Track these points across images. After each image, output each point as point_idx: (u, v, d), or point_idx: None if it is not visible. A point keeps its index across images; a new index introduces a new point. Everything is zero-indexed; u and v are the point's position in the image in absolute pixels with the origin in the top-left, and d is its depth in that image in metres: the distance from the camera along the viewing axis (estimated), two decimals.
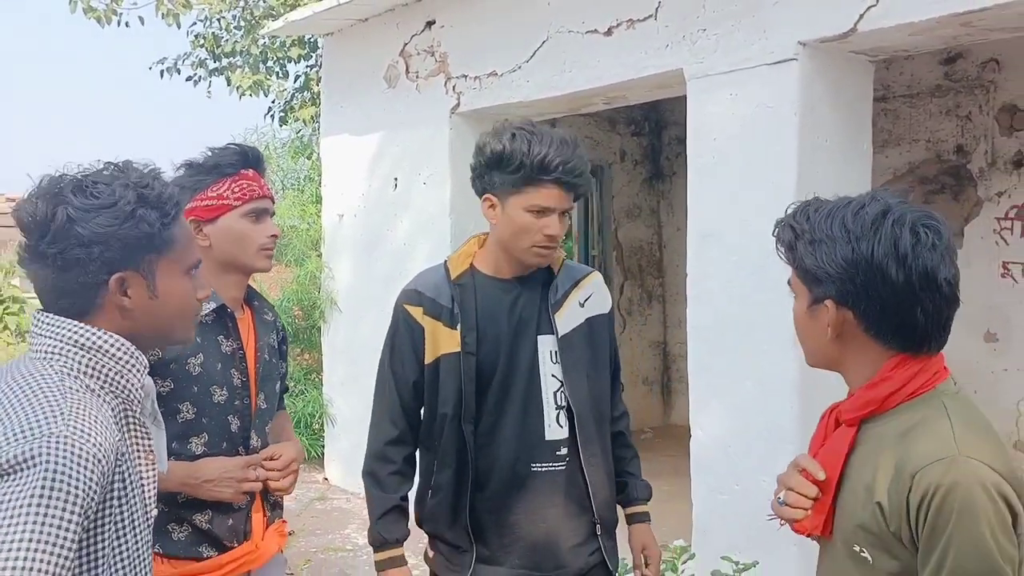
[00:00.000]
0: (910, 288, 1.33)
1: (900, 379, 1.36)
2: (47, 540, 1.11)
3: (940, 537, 1.24)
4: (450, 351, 2.05)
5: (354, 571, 4.73)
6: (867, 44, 3.52)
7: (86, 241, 1.28)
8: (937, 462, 1.26)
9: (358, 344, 5.94)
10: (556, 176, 1.95)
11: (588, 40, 4.35)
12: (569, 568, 2.09)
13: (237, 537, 1.99)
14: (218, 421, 1.97)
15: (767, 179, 3.62)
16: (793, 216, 1.44)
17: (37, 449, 1.15)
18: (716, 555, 3.49)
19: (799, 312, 1.45)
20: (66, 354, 1.30)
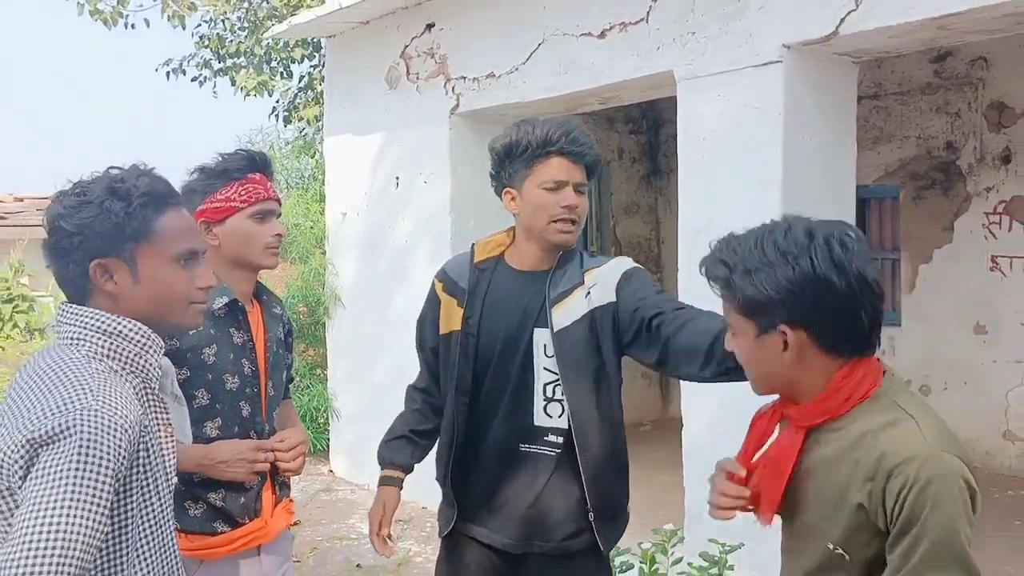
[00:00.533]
0: (852, 294, 1.39)
1: (849, 387, 1.43)
2: (84, 500, 1.26)
3: (914, 525, 1.33)
4: (456, 329, 2.22)
5: (359, 558, 4.88)
6: (849, 46, 3.65)
7: (69, 233, 1.45)
8: (913, 459, 1.34)
9: (362, 339, 6.08)
10: (560, 147, 2.09)
11: (582, 42, 4.48)
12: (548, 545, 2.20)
13: (248, 514, 2.13)
14: (231, 407, 2.11)
15: (754, 176, 3.75)
16: (719, 251, 1.47)
17: (72, 421, 1.30)
18: (707, 539, 3.63)
19: (746, 346, 1.48)
20: (90, 339, 1.45)
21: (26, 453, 1.30)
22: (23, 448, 1.30)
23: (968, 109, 6.15)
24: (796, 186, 3.69)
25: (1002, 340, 6.05)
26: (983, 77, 6.06)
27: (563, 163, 2.10)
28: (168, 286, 1.52)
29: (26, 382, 1.42)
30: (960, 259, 6.22)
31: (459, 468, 2.24)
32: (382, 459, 2.35)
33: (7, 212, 10.02)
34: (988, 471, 6.07)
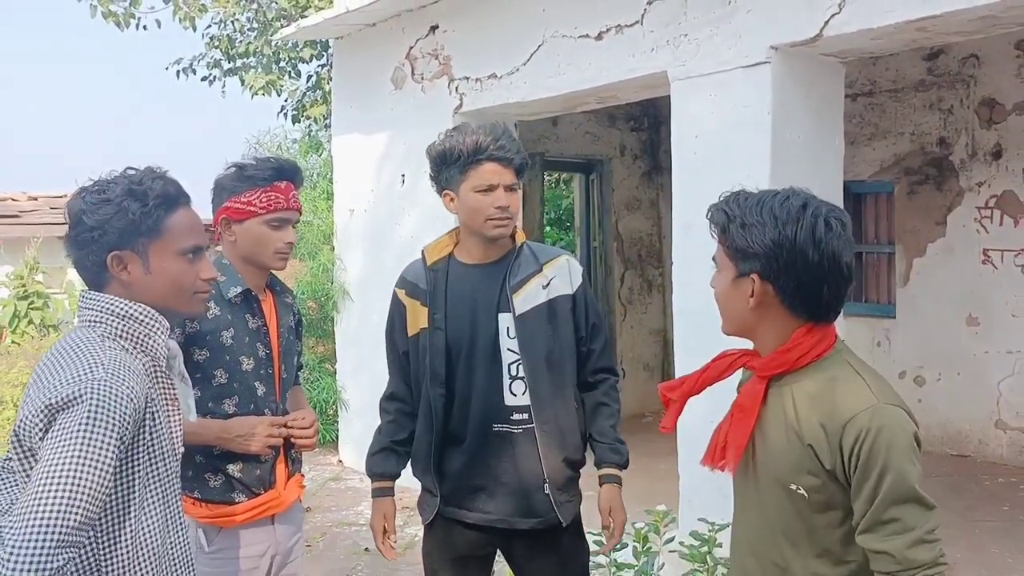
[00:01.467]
0: (821, 268, 1.58)
1: (808, 344, 1.63)
2: (90, 456, 1.45)
3: (873, 470, 1.51)
4: (425, 326, 2.40)
5: (367, 542, 5.05)
6: (834, 47, 3.80)
7: (90, 227, 1.65)
8: (864, 411, 1.53)
9: (369, 332, 6.24)
10: (490, 154, 2.29)
11: (580, 44, 4.64)
12: (524, 519, 2.39)
13: (264, 485, 2.32)
14: (246, 386, 2.30)
15: (744, 173, 3.88)
16: (725, 202, 1.67)
17: (83, 389, 1.50)
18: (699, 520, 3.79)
19: (724, 283, 1.69)
20: (104, 321, 1.65)
21: (45, 417, 1.50)
22: (42, 413, 1.50)
23: (960, 106, 6.28)
24: (784, 182, 3.78)
25: (994, 331, 6.18)
26: (975, 74, 6.19)
27: (494, 168, 2.31)
28: (176, 277, 1.72)
29: (51, 358, 1.62)
30: (953, 252, 6.35)
31: (439, 456, 2.42)
32: (371, 472, 2.54)
33: (21, 211, 10.20)
34: (980, 459, 6.21)
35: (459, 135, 2.33)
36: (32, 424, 1.51)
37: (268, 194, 2.30)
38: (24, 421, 1.53)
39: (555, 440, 2.39)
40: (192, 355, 2.22)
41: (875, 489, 1.51)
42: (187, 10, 9.59)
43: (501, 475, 2.38)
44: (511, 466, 2.38)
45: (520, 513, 2.39)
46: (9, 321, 8.56)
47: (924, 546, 1.52)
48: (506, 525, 2.40)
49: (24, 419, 1.53)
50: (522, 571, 2.51)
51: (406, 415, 2.52)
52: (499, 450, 2.37)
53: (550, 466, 2.38)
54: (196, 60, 10.51)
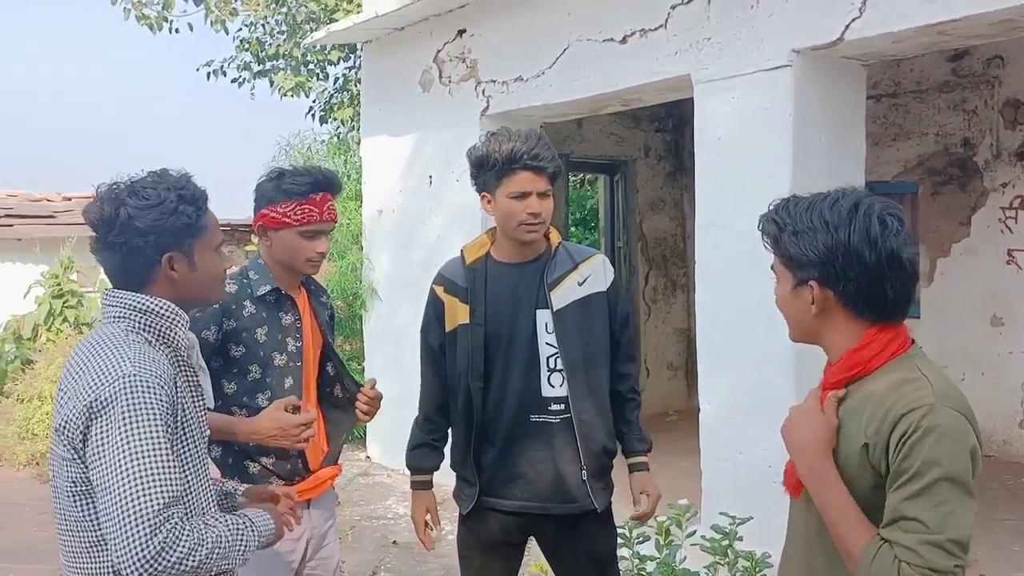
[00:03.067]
0: (880, 268, 1.52)
1: (880, 344, 1.56)
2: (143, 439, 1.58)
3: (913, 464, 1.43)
4: (463, 322, 2.51)
5: (395, 535, 5.17)
6: (855, 51, 3.86)
7: (143, 232, 1.74)
8: (919, 408, 1.45)
9: (396, 330, 6.36)
10: (524, 163, 2.39)
11: (605, 48, 4.73)
12: (560, 505, 2.50)
13: (297, 474, 2.44)
14: (278, 381, 2.41)
15: (765, 174, 3.97)
16: (775, 212, 1.64)
17: (116, 389, 1.61)
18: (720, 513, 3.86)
19: (784, 293, 1.65)
20: (128, 316, 1.76)
21: (85, 417, 1.62)
22: (83, 413, 1.62)
23: (984, 106, 6.29)
24: (805, 184, 3.87)
25: (1018, 331, 6.19)
26: (999, 75, 6.20)
27: (528, 176, 2.40)
28: (214, 270, 1.86)
29: (81, 354, 1.73)
30: (977, 253, 6.37)
31: (478, 448, 2.52)
32: (412, 467, 2.66)
33: (56, 211, 10.40)
34: (1004, 459, 6.22)
35: (496, 142, 2.43)
36: (75, 424, 1.63)
37: (303, 207, 2.38)
38: (68, 420, 1.65)
39: (592, 429, 2.49)
40: (228, 351, 2.34)
41: (908, 482, 1.43)
42: (218, 13, 9.75)
43: (538, 463, 2.48)
44: (548, 454, 2.48)
45: (557, 499, 2.49)
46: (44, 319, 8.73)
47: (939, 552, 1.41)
48: (542, 511, 2.51)
49: (68, 418, 1.65)
50: (554, 555, 2.61)
51: (444, 414, 2.63)
52: (537, 439, 2.48)
53: (587, 454, 2.48)
54: (226, 62, 10.67)
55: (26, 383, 7.23)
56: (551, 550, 2.61)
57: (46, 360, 7.32)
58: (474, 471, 2.53)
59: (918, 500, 1.42)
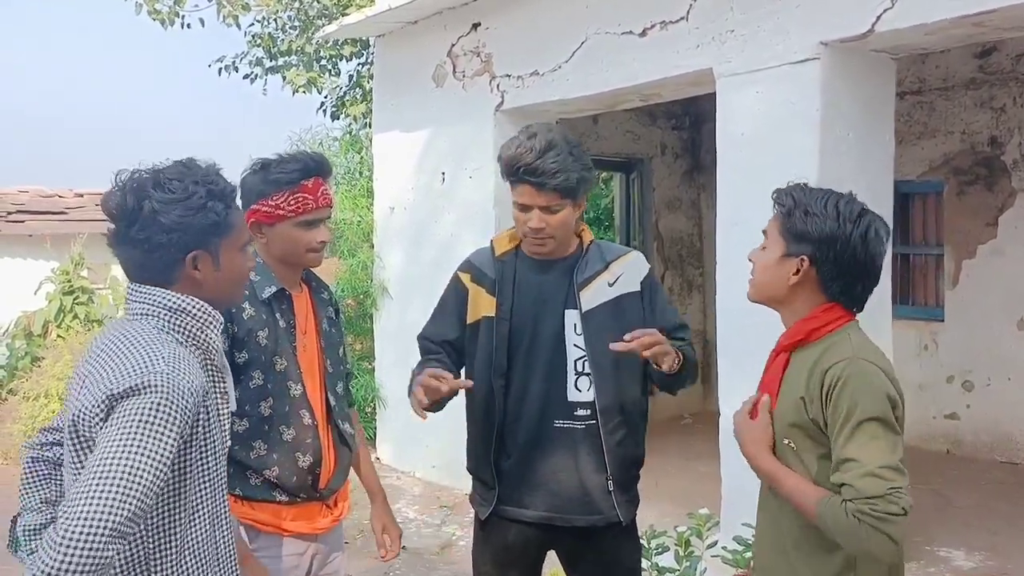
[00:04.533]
0: (863, 266, 1.80)
1: (824, 319, 1.82)
2: (150, 447, 1.43)
3: (840, 413, 1.68)
4: (488, 315, 2.37)
5: (405, 540, 5.00)
6: (886, 43, 3.72)
7: (168, 228, 1.60)
8: (840, 362, 1.72)
9: (408, 329, 6.20)
10: (520, 176, 2.25)
11: (624, 41, 4.59)
12: (583, 516, 2.36)
13: (304, 491, 2.28)
14: (281, 387, 2.26)
15: (790, 171, 3.77)
16: (794, 189, 1.87)
17: (149, 380, 1.48)
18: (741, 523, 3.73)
19: (769, 257, 1.86)
20: (157, 315, 1.63)
21: (105, 406, 1.48)
22: (104, 402, 1.48)
23: (1013, 104, 6.13)
24: (832, 181, 3.73)
25: None
26: None
27: (526, 189, 2.27)
28: (239, 271, 1.73)
29: (103, 349, 1.59)
30: (1004, 254, 6.20)
31: (498, 451, 2.39)
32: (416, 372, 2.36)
33: (68, 207, 10.35)
34: None
35: (507, 148, 2.29)
36: (93, 414, 1.49)
37: (296, 196, 2.24)
38: (83, 412, 1.50)
39: (619, 437, 2.36)
40: (233, 357, 2.20)
41: (840, 429, 1.68)
42: (230, 8, 9.66)
43: (562, 471, 2.35)
44: (573, 463, 2.35)
45: (580, 510, 2.36)
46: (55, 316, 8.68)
47: (873, 480, 1.62)
48: (564, 523, 2.37)
49: (83, 409, 1.50)
50: (574, 568, 2.48)
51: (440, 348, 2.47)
52: (561, 446, 2.35)
53: (613, 463, 2.35)
54: (238, 58, 10.58)
55: (33, 381, 7.16)
56: (571, 563, 2.48)
57: (53, 358, 7.25)
58: (493, 473, 2.40)
59: (850, 442, 1.66)
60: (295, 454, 2.26)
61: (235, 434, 2.18)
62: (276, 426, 2.25)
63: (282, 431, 2.25)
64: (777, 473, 1.80)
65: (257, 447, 2.23)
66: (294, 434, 2.26)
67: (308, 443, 2.28)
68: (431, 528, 5.32)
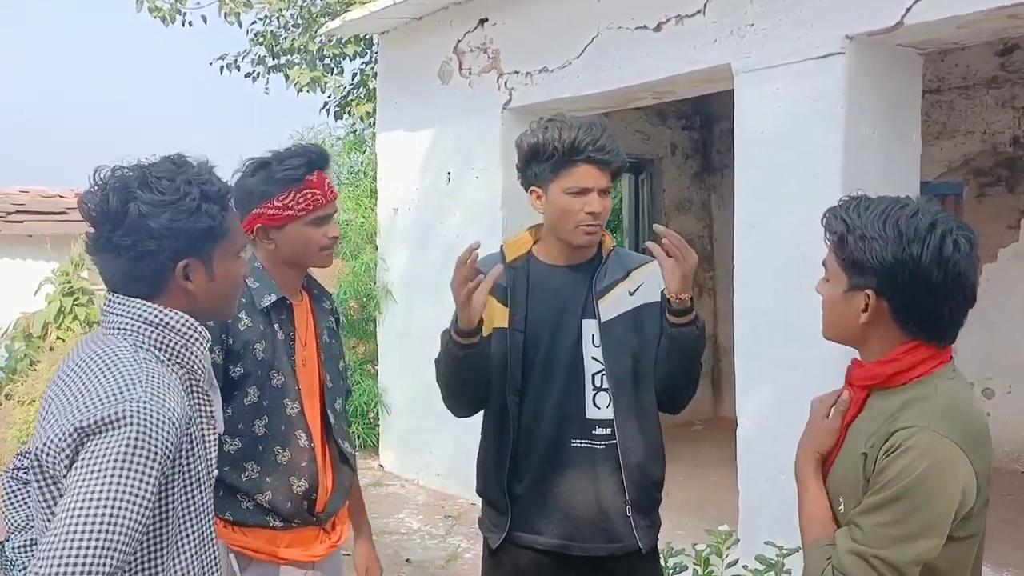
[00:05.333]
0: (944, 288, 1.49)
1: (908, 362, 1.53)
2: (130, 492, 1.26)
3: (880, 481, 1.44)
4: (501, 326, 2.20)
5: (408, 552, 4.89)
6: (914, 37, 3.55)
7: (157, 234, 1.43)
8: (908, 428, 1.45)
9: (412, 333, 6.10)
10: (587, 155, 2.10)
11: (637, 36, 4.43)
12: (601, 545, 2.19)
13: (299, 516, 2.12)
14: (277, 404, 2.09)
15: (812, 171, 3.67)
16: (845, 210, 1.57)
17: (123, 412, 1.30)
18: (761, 540, 3.56)
19: (833, 294, 1.59)
20: (137, 330, 1.45)
21: (73, 442, 1.30)
22: (71, 436, 1.30)
23: None
24: (857, 182, 3.60)
25: None
26: None
27: (589, 170, 2.12)
28: (233, 280, 1.56)
29: (73, 370, 1.42)
30: None
31: (511, 474, 2.22)
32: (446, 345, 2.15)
33: (68, 207, 10.23)
34: None
35: (555, 129, 2.13)
36: (58, 449, 1.31)
37: (304, 193, 2.09)
38: (48, 446, 1.32)
39: (640, 457, 2.20)
40: (228, 371, 2.03)
41: (874, 491, 1.45)
42: (232, 5, 9.52)
43: (579, 495, 2.18)
44: (591, 486, 2.18)
45: (598, 537, 2.19)
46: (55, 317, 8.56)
47: (859, 564, 1.43)
48: (582, 552, 2.20)
49: (48, 443, 1.32)
50: None
51: None
52: (578, 468, 2.18)
53: (633, 485, 2.19)
54: (240, 56, 10.44)
55: (28, 385, 7.02)
56: None
57: (49, 361, 7.11)
58: (506, 498, 2.22)
59: (871, 512, 1.44)
60: (290, 478, 2.09)
61: (225, 454, 2.01)
62: (270, 447, 2.08)
63: (276, 452, 2.08)
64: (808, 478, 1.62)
65: (249, 469, 2.06)
66: (289, 456, 2.09)
67: (304, 466, 2.11)
68: (436, 539, 5.15)
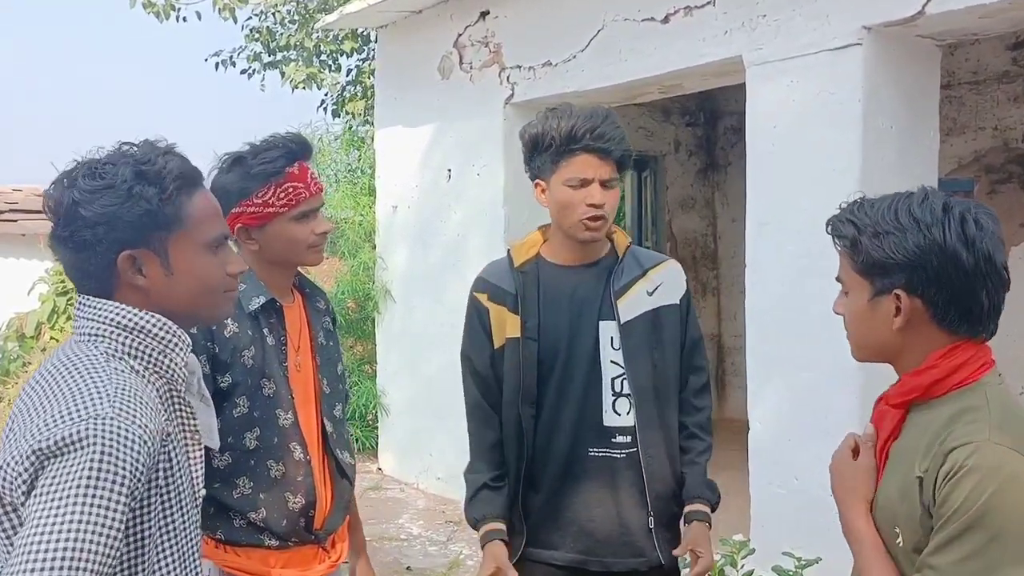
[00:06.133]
0: (978, 272, 1.36)
1: (946, 368, 1.38)
2: (95, 522, 1.12)
3: (945, 513, 1.28)
4: (513, 336, 2.08)
5: (408, 559, 4.76)
6: (934, 28, 3.43)
7: (91, 222, 1.29)
8: (968, 443, 1.29)
9: (412, 334, 5.97)
10: (585, 144, 1.98)
11: (644, 28, 4.30)
12: (622, 560, 2.07)
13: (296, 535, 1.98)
14: (269, 415, 1.95)
15: (828, 167, 3.55)
16: (850, 212, 1.46)
17: (84, 431, 1.16)
18: (775, 550, 3.43)
19: (857, 307, 1.45)
20: (109, 335, 1.31)
21: (31, 465, 1.16)
22: (28, 459, 1.16)
23: None
24: (874, 177, 3.48)
25: None
26: None
27: (589, 160, 2.00)
28: (204, 277, 1.39)
29: (39, 382, 1.29)
30: None
31: (526, 488, 2.10)
32: (476, 516, 2.14)
33: None
34: None
35: (554, 118, 2.02)
36: (15, 474, 1.17)
37: (285, 187, 1.93)
38: (4, 470, 1.19)
39: (661, 467, 2.08)
40: (216, 381, 1.89)
41: (940, 527, 1.29)
42: (227, 1, 9.38)
43: (596, 507, 2.06)
44: (610, 497, 2.06)
45: (619, 552, 2.07)
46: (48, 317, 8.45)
47: None
48: (600, 567, 2.08)
49: (5, 467, 1.19)
50: None
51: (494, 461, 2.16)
52: (597, 479, 2.06)
53: (655, 498, 2.07)
54: (236, 53, 10.31)
55: (17, 387, 6.88)
56: None
57: (39, 362, 6.97)
58: (521, 516, 2.10)
59: (944, 549, 1.28)
60: (285, 494, 1.95)
61: (215, 470, 1.87)
62: (263, 460, 1.94)
63: (270, 466, 1.94)
64: (860, 540, 1.42)
65: (241, 485, 1.92)
66: (283, 470, 1.96)
67: (300, 481, 1.97)
68: (437, 546, 5.02)
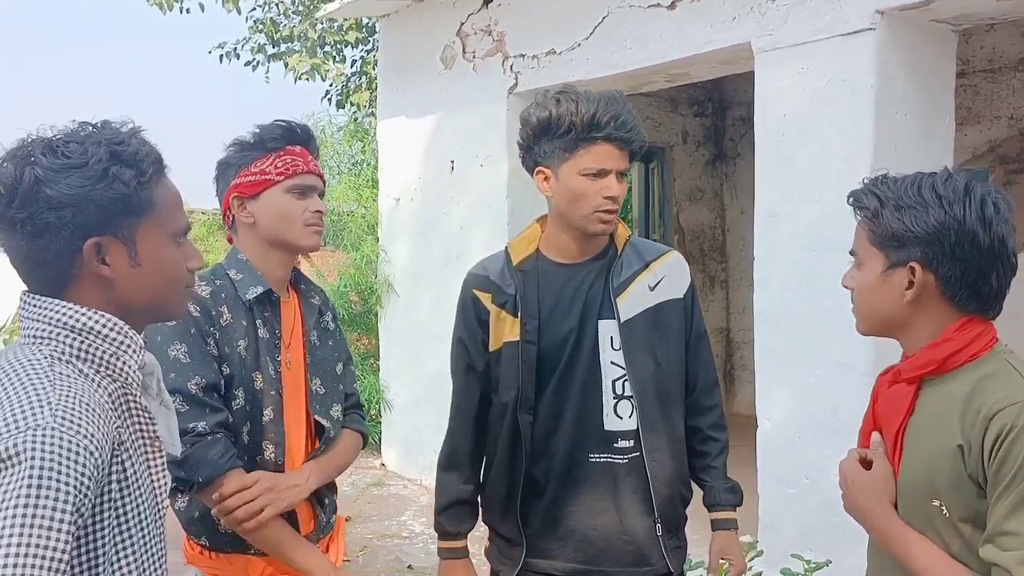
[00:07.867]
0: (992, 253, 1.40)
1: (962, 340, 1.42)
2: (36, 544, 1.02)
3: (1008, 472, 1.30)
4: (512, 339, 1.97)
5: (410, 558, 4.68)
6: (950, 12, 3.32)
7: (56, 204, 1.17)
8: (1015, 405, 1.32)
9: (415, 328, 5.88)
10: (608, 132, 1.86)
11: (651, 15, 4.19)
12: (628, 569, 1.97)
13: None
14: (256, 410, 1.87)
15: (840, 156, 3.44)
16: (874, 185, 1.49)
17: (21, 444, 1.05)
18: (784, 551, 3.34)
19: (869, 278, 1.48)
20: (56, 337, 1.20)
21: None
22: None
23: None
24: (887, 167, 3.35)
25: None
26: None
27: (609, 150, 1.88)
28: (169, 268, 1.29)
29: None
30: None
31: (524, 500, 2.00)
32: (443, 531, 2.09)
33: None
34: None
35: (570, 102, 1.87)
36: None
37: (283, 158, 1.89)
38: None
39: (667, 471, 1.97)
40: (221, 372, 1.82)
41: (1005, 492, 1.31)
42: None
43: (599, 515, 1.96)
44: (612, 504, 1.95)
45: (623, 561, 1.97)
46: None
47: None
48: None
49: None
50: None
51: (474, 470, 2.10)
52: (598, 485, 1.95)
53: (661, 504, 1.96)
54: (240, 44, 10.22)
55: None
56: None
57: None
58: (520, 528, 2.00)
59: (1016, 511, 1.29)
60: None
61: None
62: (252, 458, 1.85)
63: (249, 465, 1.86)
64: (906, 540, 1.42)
65: None
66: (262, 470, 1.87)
67: None
68: None
